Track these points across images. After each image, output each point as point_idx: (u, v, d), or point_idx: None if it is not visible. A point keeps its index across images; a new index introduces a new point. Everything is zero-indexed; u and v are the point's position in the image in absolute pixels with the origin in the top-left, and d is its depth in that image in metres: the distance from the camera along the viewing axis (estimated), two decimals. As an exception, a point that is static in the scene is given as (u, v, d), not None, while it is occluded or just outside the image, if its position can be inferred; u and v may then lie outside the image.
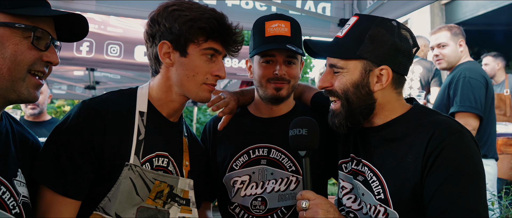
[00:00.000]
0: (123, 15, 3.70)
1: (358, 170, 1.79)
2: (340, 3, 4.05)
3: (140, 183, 1.65)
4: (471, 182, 1.53)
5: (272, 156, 2.07)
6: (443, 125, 1.60)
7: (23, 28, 1.32)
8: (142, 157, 1.69)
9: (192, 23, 1.66)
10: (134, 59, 5.36)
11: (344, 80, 1.68)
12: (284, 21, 2.04)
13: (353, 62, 1.67)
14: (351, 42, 1.67)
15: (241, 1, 3.82)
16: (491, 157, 3.70)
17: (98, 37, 5.22)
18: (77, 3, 3.37)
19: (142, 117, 1.73)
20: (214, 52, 1.73)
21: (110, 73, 7.52)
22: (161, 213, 1.71)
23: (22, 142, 1.53)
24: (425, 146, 1.57)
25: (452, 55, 3.92)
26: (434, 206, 1.53)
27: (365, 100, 1.69)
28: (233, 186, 2.07)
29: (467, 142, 1.58)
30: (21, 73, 1.33)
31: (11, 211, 1.35)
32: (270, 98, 2.04)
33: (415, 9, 3.46)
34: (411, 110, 1.74)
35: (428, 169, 1.55)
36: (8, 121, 1.51)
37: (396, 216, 1.60)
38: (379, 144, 1.73)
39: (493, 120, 3.76)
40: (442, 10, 9.30)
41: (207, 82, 1.75)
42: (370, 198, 1.70)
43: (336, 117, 1.74)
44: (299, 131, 1.74)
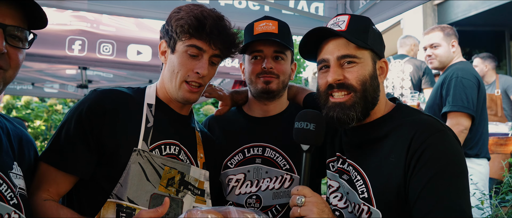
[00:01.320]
0: (115, 13, 3.67)
1: (343, 169, 1.80)
2: (333, 3, 4.05)
3: (150, 168, 1.70)
4: (455, 180, 1.54)
5: (266, 155, 2.09)
6: (424, 124, 1.61)
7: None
8: (151, 144, 1.75)
9: (177, 22, 1.74)
10: (127, 58, 5.32)
11: (362, 71, 1.65)
12: (272, 21, 2.10)
13: (366, 52, 1.68)
14: (359, 34, 1.67)
15: (234, 1, 3.82)
16: (483, 156, 3.71)
17: (91, 35, 5.18)
18: (69, 2, 3.34)
19: (150, 108, 1.81)
20: (196, 49, 1.75)
21: (103, 72, 7.49)
22: (175, 201, 1.75)
23: (15, 137, 1.57)
24: (407, 145, 1.58)
25: (444, 55, 3.95)
26: (419, 206, 1.54)
27: (376, 92, 1.70)
28: (228, 184, 2.10)
29: (449, 140, 1.59)
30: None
31: (9, 202, 1.39)
32: (260, 92, 2.07)
33: (407, 9, 3.47)
34: (394, 109, 1.76)
35: (411, 169, 1.56)
36: (1, 119, 1.53)
37: (379, 215, 1.61)
38: (363, 143, 1.74)
39: (485, 119, 3.78)
40: (435, 11, 9.35)
41: (188, 80, 1.77)
42: (355, 197, 1.71)
43: (350, 109, 1.66)
44: (307, 125, 1.68)
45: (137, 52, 5.33)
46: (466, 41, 4.80)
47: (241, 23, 2.18)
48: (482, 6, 8.06)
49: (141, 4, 3.57)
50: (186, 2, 3.68)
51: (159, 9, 3.60)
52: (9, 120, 1.60)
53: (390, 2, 3.55)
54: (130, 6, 3.53)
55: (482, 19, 8.37)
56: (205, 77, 1.80)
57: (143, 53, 5.36)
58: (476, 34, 8.78)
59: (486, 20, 8.55)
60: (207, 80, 1.83)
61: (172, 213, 1.72)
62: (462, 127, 3.54)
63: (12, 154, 1.51)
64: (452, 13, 8.90)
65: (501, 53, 9.45)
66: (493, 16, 8.18)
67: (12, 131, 1.56)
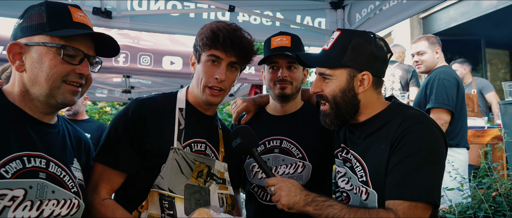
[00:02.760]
0: (152, 31, 3.72)
1: (347, 158, 1.80)
2: (333, 18, 4.03)
3: (184, 163, 1.72)
4: (425, 164, 1.50)
5: (283, 146, 2.11)
6: (410, 116, 1.59)
7: (55, 46, 1.35)
8: (183, 142, 1.76)
9: (200, 37, 1.76)
10: (162, 67, 5.38)
11: (332, 87, 1.67)
12: (285, 36, 2.11)
13: (339, 70, 1.66)
14: (336, 54, 1.66)
15: (250, 18, 3.83)
16: (463, 146, 3.66)
17: (132, 49, 5.25)
18: (115, 21, 3.39)
19: (181, 111, 1.82)
20: (215, 58, 1.75)
21: (143, 79, 7.57)
22: (203, 190, 1.77)
23: (75, 138, 1.61)
24: (393, 133, 1.56)
25: (429, 61, 3.91)
26: (388, 180, 1.53)
27: (351, 102, 1.68)
28: (252, 170, 2.13)
29: (428, 131, 1.55)
30: (56, 83, 1.37)
31: (71, 190, 1.43)
32: (278, 96, 2.11)
33: (397, 22, 3.43)
34: (389, 106, 1.74)
35: (392, 151, 1.55)
36: (63, 121, 1.58)
37: (375, 194, 1.60)
38: (362, 136, 1.73)
39: (464, 114, 3.73)
40: (420, 23, 9.23)
41: (209, 85, 1.77)
42: (355, 181, 1.71)
43: (326, 117, 1.73)
44: (235, 141, 1.79)
45: (171, 63, 5.38)
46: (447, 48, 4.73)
47: (257, 37, 2.21)
48: (461, 18, 7.94)
49: (173, 22, 3.60)
50: (210, 20, 3.70)
51: (188, 26, 3.62)
52: (69, 123, 1.64)
53: (381, 17, 3.51)
54: (164, 24, 3.56)
55: (461, 30, 8.26)
56: (225, 82, 1.78)
57: (176, 63, 5.40)
58: (456, 42, 8.64)
59: (465, 31, 8.42)
60: (227, 84, 1.81)
61: (202, 199, 1.75)
62: (442, 121, 3.51)
63: (72, 152, 1.55)
64: (435, 25, 8.77)
65: (477, 59, 9.29)
66: (470, 27, 8.06)
67: (72, 132, 1.60)
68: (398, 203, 1.47)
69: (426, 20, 9.11)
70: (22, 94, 1.38)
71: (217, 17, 3.70)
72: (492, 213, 2.20)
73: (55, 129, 1.48)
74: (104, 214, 1.59)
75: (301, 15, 3.96)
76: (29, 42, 1.36)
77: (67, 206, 1.39)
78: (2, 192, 1.21)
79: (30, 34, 1.36)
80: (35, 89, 1.37)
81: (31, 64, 1.35)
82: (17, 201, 1.24)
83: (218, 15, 3.71)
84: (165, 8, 3.56)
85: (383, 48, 1.69)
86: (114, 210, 1.61)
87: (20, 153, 1.29)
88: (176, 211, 1.67)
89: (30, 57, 1.35)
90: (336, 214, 1.53)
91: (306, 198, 1.60)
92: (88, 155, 1.69)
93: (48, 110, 1.43)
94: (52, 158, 1.39)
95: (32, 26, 1.36)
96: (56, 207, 1.35)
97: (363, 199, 1.66)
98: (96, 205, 1.61)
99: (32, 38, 1.36)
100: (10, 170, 1.24)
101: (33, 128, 1.38)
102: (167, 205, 1.67)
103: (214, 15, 3.70)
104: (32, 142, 1.35)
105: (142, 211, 1.68)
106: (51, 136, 1.45)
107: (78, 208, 1.44)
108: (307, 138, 2.10)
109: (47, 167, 1.36)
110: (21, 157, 1.29)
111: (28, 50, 1.36)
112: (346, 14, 3.96)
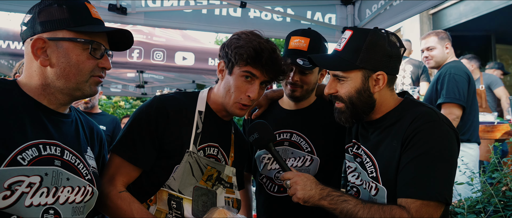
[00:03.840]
0: (166, 26, 3.73)
1: (357, 153, 1.79)
2: (344, 14, 4.00)
3: (196, 166, 1.72)
4: (436, 163, 1.48)
5: (293, 139, 2.11)
6: (421, 114, 1.56)
7: (83, 42, 1.38)
8: (198, 145, 1.75)
9: (237, 50, 1.70)
10: (175, 63, 5.40)
11: (348, 88, 1.65)
12: (305, 38, 2.04)
13: (354, 72, 1.64)
14: (350, 55, 1.63)
15: (261, 14, 3.81)
16: (474, 141, 3.61)
17: (146, 45, 5.29)
18: (129, 17, 3.42)
19: (200, 115, 1.80)
20: (250, 75, 1.72)
21: (156, 74, 7.62)
22: (210, 193, 1.78)
23: (88, 128, 1.63)
24: (404, 131, 1.55)
25: (439, 56, 3.85)
26: (399, 178, 1.52)
27: (367, 102, 1.66)
28: (262, 161, 2.14)
29: (441, 129, 1.53)
30: (84, 77, 1.41)
31: (85, 177, 1.44)
32: (288, 96, 2.12)
33: (407, 18, 3.38)
34: (402, 103, 1.71)
35: (403, 150, 1.53)
36: (75, 112, 1.59)
37: (385, 191, 1.59)
38: (373, 133, 1.71)
39: (475, 109, 3.67)
40: (430, 19, 9.11)
41: (241, 102, 1.76)
42: (365, 176, 1.70)
43: (342, 114, 1.71)
44: (253, 136, 1.81)
45: (183, 58, 5.40)
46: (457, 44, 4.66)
47: (268, 33, 2.19)
48: (471, 14, 7.81)
49: (186, 18, 3.61)
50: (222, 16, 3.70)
51: (200, 22, 3.63)
52: (82, 113, 1.65)
53: (391, 13, 3.47)
54: (177, 20, 3.57)
55: (471, 25, 8.12)
56: (254, 100, 1.78)
57: (188, 59, 5.42)
58: (466, 38, 8.51)
59: (475, 26, 8.28)
60: (256, 101, 1.82)
61: (209, 202, 1.76)
62: (454, 116, 3.46)
63: (86, 141, 1.57)
64: (445, 20, 8.64)
65: (487, 54, 9.14)
66: (480, 22, 7.92)
67: (85, 122, 1.62)
68: (410, 202, 1.46)
69: (435, 16, 8.98)
70: (42, 87, 1.39)
71: (229, 13, 3.70)
72: (501, 208, 2.18)
73: (68, 119, 1.50)
74: (120, 206, 1.61)
75: (312, 11, 3.94)
76: (54, 37, 1.36)
77: (82, 193, 1.41)
78: (19, 179, 1.23)
79: (53, 29, 1.36)
80: (60, 82, 1.38)
81: (57, 59, 1.37)
82: (34, 188, 1.26)
83: (229, 11, 3.70)
84: (178, 4, 3.56)
85: (396, 45, 1.66)
86: (130, 203, 1.62)
87: (36, 140, 1.30)
88: (184, 211, 1.68)
89: (56, 52, 1.37)
90: (350, 209, 1.52)
91: (321, 192, 1.60)
92: (100, 145, 1.70)
93: (68, 100, 1.45)
94: (67, 146, 1.41)
95: (55, 21, 1.37)
96: (70, 193, 1.36)
97: (372, 194, 1.65)
98: (113, 197, 1.62)
99: (56, 33, 1.37)
100: (26, 157, 1.26)
101: (48, 117, 1.40)
102: (175, 205, 1.68)
103: (226, 11, 3.69)
104: (47, 130, 1.36)
105: (151, 205, 1.70)
106: (65, 125, 1.46)
107: (92, 195, 1.46)
108: (316, 132, 2.09)
109: (62, 155, 1.37)
110: (37, 145, 1.30)
111: (52, 45, 1.37)
112: (356, 10, 3.92)
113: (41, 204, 1.28)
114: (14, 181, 1.21)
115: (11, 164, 1.22)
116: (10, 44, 4.90)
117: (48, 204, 1.30)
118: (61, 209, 1.33)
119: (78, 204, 1.40)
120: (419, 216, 1.43)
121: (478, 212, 2.28)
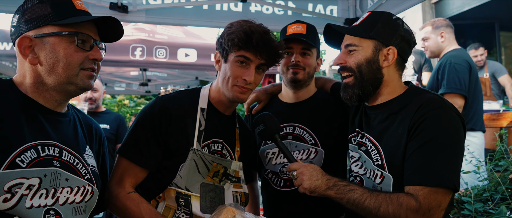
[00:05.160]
0: (167, 23, 3.74)
1: (362, 142, 1.78)
2: (345, 5, 3.97)
3: (201, 163, 1.73)
4: (445, 148, 1.47)
5: (296, 133, 2.10)
6: (428, 101, 1.56)
7: (68, 34, 1.35)
8: (202, 142, 1.76)
9: (229, 37, 1.71)
10: (177, 60, 5.41)
11: (359, 57, 1.67)
12: (301, 24, 2.10)
13: (367, 41, 1.66)
14: (365, 26, 1.68)
15: (262, 8, 3.80)
16: (478, 129, 3.58)
17: (148, 43, 5.29)
18: (131, 15, 3.41)
19: (202, 112, 1.80)
20: (244, 59, 1.72)
21: (159, 72, 7.64)
22: (218, 188, 1.78)
23: (87, 126, 1.61)
24: (411, 118, 1.54)
25: (433, 46, 3.83)
26: (406, 165, 1.51)
27: (375, 74, 1.67)
28: (266, 157, 2.14)
29: (447, 116, 1.52)
30: (74, 70, 1.38)
31: (84, 177, 1.44)
32: (290, 81, 2.09)
33: (409, 7, 3.37)
34: (407, 91, 1.71)
35: (410, 137, 1.53)
36: (73, 110, 1.58)
37: (391, 179, 1.59)
38: (378, 120, 1.71)
39: (478, 97, 3.63)
40: (432, 8, 9.02)
41: (237, 84, 1.75)
42: (370, 164, 1.69)
43: (349, 88, 1.71)
44: (259, 128, 1.83)
45: (185, 55, 5.40)
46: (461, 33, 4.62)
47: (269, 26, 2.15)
48: (474, 2, 7.72)
49: (187, 14, 3.60)
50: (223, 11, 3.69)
51: (202, 18, 3.62)
52: (79, 111, 1.64)
53: (394, 2, 3.44)
54: (178, 17, 3.57)
55: (475, 14, 8.02)
56: (252, 84, 1.76)
57: (190, 55, 5.42)
58: (470, 27, 8.42)
59: (478, 14, 8.18)
60: (254, 85, 1.80)
61: (217, 198, 1.76)
62: (456, 106, 3.39)
63: (84, 139, 1.55)
64: (448, 9, 8.55)
65: (492, 43, 9.04)
66: (484, 10, 7.83)
67: (83, 120, 1.60)
68: (418, 189, 1.45)
69: (438, 5, 8.89)
70: (35, 85, 1.38)
71: (230, 8, 3.69)
72: (509, 195, 2.16)
73: (66, 118, 1.48)
74: (129, 207, 1.62)
75: (313, 4, 3.92)
76: (39, 34, 1.34)
77: (81, 192, 1.40)
78: (19, 181, 1.22)
79: (37, 26, 1.34)
80: (51, 79, 1.36)
81: (45, 55, 1.34)
82: (33, 190, 1.25)
83: (230, 6, 3.69)
84: (179, 1, 3.56)
85: (410, 33, 1.71)
86: (139, 203, 1.63)
87: (34, 142, 1.30)
88: (192, 208, 1.69)
89: (43, 49, 1.35)
90: (357, 198, 1.53)
91: (327, 182, 1.60)
92: (100, 143, 1.69)
93: (64, 97, 1.43)
94: (65, 146, 1.40)
95: (38, 18, 1.34)
96: (70, 194, 1.36)
97: (377, 182, 1.64)
98: (122, 198, 1.63)
99: (41, 30, 1.35)
100: (25, 159, 1.25)
101: (46, 117, 1.39)
102: (183, 202, 1.69)
103: (227, 6, 3.68)
104: (45, 131, 1.36)
105: (160, 201, 1.71)
106: (63, 125, 1.45)
107: (92, 195, 1.45)
108: (319, 124, 2.09)
109: (60, 156, 1.36)
110: (36, 146, 1.30)
111: (39, 42, 1.35)
112: (358, 1, 3.89)
113: (41, 205, 1.27)
114: (13, 184, 1.21)
115: (10, 167, 1.21)
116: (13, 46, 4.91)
117: (48, 205, 1.29)
118: (61, 209, 1.33)
119: (79, 204, 1.40)
120: (428, 203, 1.42)
121: (485, 201, 2.27)
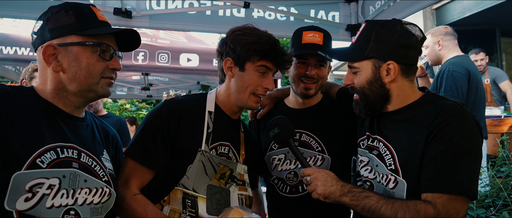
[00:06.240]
0: (170, 29, 3.76)
1: (373, 145, 1.76)
2: (347, 11, 3.98)
3: (209, 165, 1.75)
4: (464, 155, 1.45)
5: (303, 139, 2.10)
6: (447, 108, 1.54)
7: (91, 44, 1.42)
8: (210, 145, 1.78)
9: (249, 46, 1.73)
10: (179, 64, 5.44)
11: (360, 79, 1.67)
12: (318, 32, 2.07)
13: (365, 62, 1.65)
14: (360, 46, 1.66)
15: (264, 13, 3.82)
16: (480, 135, 3.58)
17: (151, 48, 5.33)
18: (134, 20, 3.44)
19: (210, 115, 1.83)
20: (266, 69, 1.77)
21: (161, 77, 7.66)
22: (224, 190, 1.80)
23: (103, 131, 1.66)
24: (429, 124, 1.52)
25: (431, 54, 3.88)
26: (425, 172, 1.49)
27: (379, 92, 1.66)
28: (272, 163, 2.13)
29: (466, 123, 1.50)
30: (95, 79, 1.45)
31: (102, 179, 1.47)
32: (301, 95, 2.09)
33: (410, 14, 3.36)
34: (423, 97, 1.69)
35: (428, 143, 1.51)
36: (90, 116, 1.64)
37: (404, 184, 1.56)
38: (393, 124, 1.69)
39: (479, 104, 3.63)
40: (433, 14, 9.05)
41: (256, 93, 1.79)
42: (383, 169, 1.67)
43: (357, 105, 1.74)
44: (273, 131, 1.82)
45: (187, 60, 5.43)
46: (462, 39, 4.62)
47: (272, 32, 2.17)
48: (475, 8, 7.75)
49: (190, 20, 3.62)
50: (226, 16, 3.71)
51: (204, 24, 3.64)
52: (97, 117, 1.70)
53: (395, 9, 3.45)
54: (181, 22, 3.59)
55: (476, 19, 8.05)
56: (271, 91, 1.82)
57: (192, 60, 5.45)
58: (471, 32, 8.45)
59: (479, 20, 8.20)
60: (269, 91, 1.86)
61: (223, 200, 1.78)
62: None
63: (102, 143, 1.60)
64: (449, 15, 8.58)
65: (493, 49, 9.06)
66: (485, 16, 7.86)
67: (100, 126, 1.66)
68: (437, 196, 1.43)
69: (439, 11, 8.91)
70: (55, 91, 1.43)
71: (233, 14, 3.71)
72: (511, 201, 2.17)
73: (84, 122, 1.54)
74: (135, 209, 1.63)
75: (315, 10, 3.93)
76: (63, 42, 1.41)
77: (99, 194, 1.44)
78: (39, 181, 1.26)
79: (61, 35, 1.41)
80: (73, 86, 1.43)
81: (68, 63, 1.41)
82: (55, 189, 1.30)
83: (233, 12, 3.71)
84: (183, 6, 3.58)
85: (412, 34, 1.64)
86: (145, 205, 1.64)
87: (53, 144, 1.34)
88: (198, 209, 1.70)
89: (67, 57, 1.41)
90: (373, 205, 1.51)
91: (342, 188, 1.58)
92: (116, 148, 1.73)
93: (83, 103, 1.50)
94: (83, 148, 1.44)
95: (62, 27, 1.41)
96: (88, 195, 1.40)
97: (390, 187, 1.62)
98: (128, 200, 1.65)
99: (65, 39, 1.41)
100: (45, 160, 1.29)
101: (65, 121, 1.44)
102: (190, 203, 1.70)
103: (230, 12, 3.70)
104: (64, 134, 1.40)
105: (164, 205, 1.72)
106: (81, 129, 1.50)
107: (109, 196, 1.49)
108: (326, 131, 2.08)
109: (79, 157, 1.41)
110: (55, 148, 1.34)
111: (62, 50, 1.41)
112: (360, 7, 3.91)
113: (62, 205, 1.31)
114: (34, 184, 1.25)
115: (31, 167, 1.26)
116: (17, 50, 4.96)
117: (69, 205, 1.33)
118: (80, 210, 1.37)
119: (96, 205, 1.43)
120: (446, 211, 1.40)
121: (487, 207, 2.27)
